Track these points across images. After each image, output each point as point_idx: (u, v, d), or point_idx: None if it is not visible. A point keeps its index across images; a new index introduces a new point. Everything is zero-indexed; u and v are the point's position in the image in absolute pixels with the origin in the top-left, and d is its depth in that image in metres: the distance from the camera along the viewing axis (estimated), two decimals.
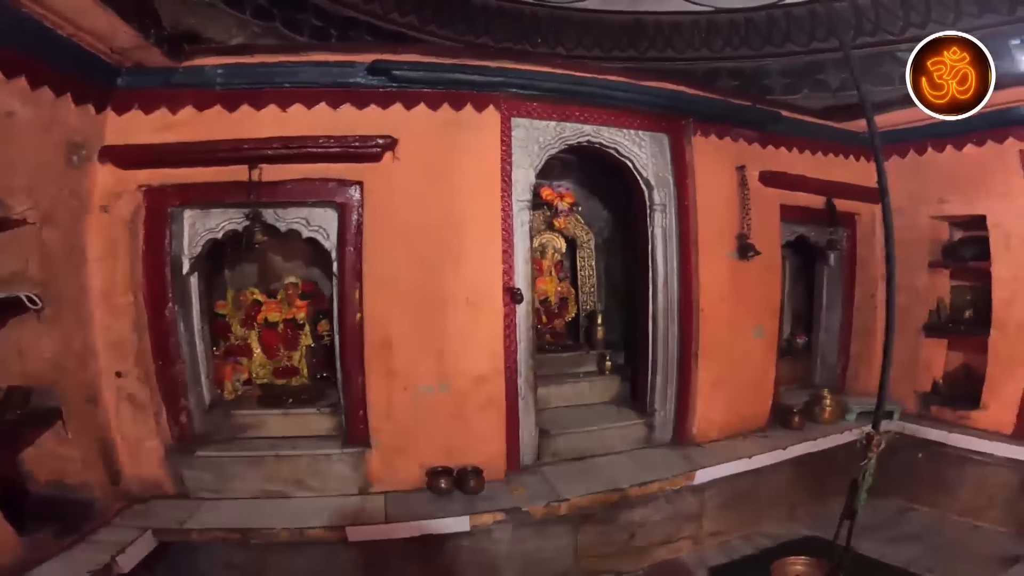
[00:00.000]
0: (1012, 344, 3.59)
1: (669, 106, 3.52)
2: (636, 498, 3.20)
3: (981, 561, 3.26)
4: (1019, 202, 3.51)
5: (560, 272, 4.21)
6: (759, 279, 3.76)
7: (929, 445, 3.96)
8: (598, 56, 5.33)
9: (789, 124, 3.88)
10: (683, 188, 3.62)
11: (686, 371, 3.69)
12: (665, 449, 3.69)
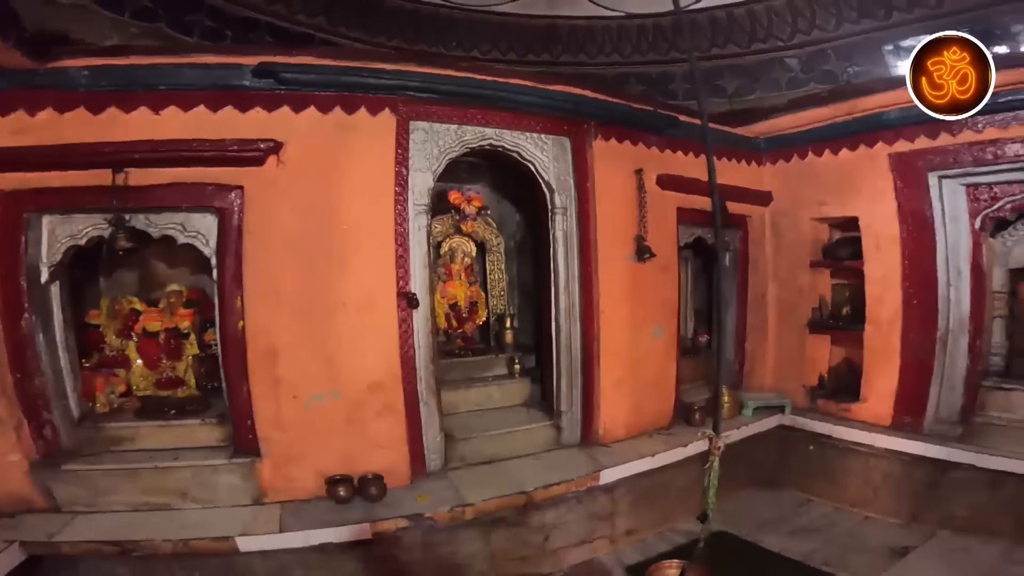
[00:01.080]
0: (884, 339, 3.89)
1: (571, 110, 3.64)
2: (544, 500, 3.25)
3: (873, 553, 3.47)
4: (887, 205, 3.80)
5: (470, 276, 4.25)
6: (657, 280, 3.93)
7: (818, 438, 4.23)
8: (513, 60, 5.49)
9: (687, 128, 4.06)
10: (584, 191, 3.74)
11: (589, 372, 3.81)
12: (573, 450, 3.77)
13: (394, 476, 3.10)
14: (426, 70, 3.26)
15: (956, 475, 3.59)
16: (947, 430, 3.71)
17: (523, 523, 3.26)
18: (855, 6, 5.06)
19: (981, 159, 3.44)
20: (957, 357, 3.64)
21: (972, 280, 3.57)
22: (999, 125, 3.40)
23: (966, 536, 3.49)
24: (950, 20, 4.61)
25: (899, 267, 3.79)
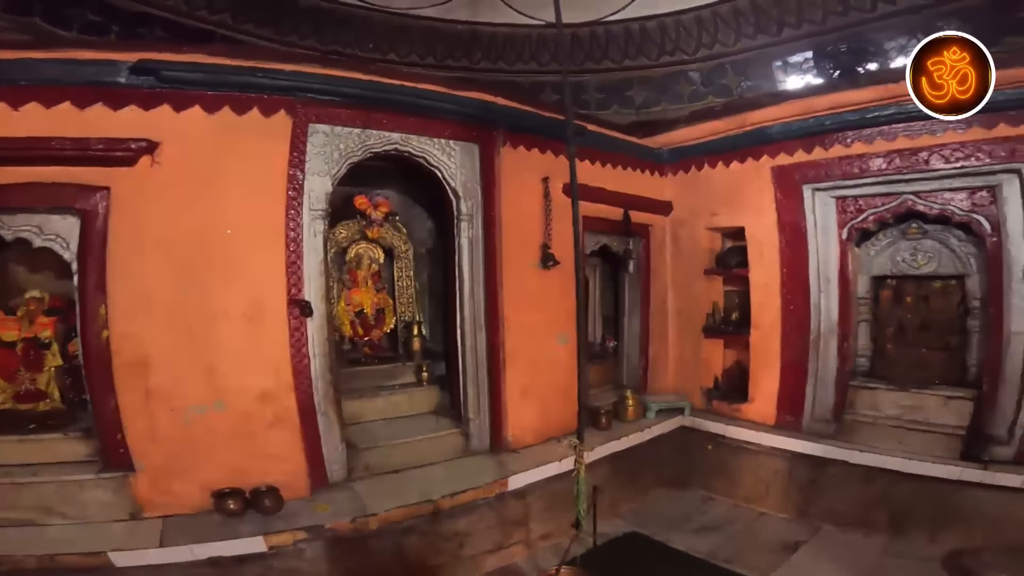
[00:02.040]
0: (767, 343, 4.18)
1: (481, 116, 3.68)
2: (453, 508, 3.25)
3: (769, 548, 3.66)
4: (769, 215, 4.10)
5: (378, 283, 4.21)
6: (562, 288, 3.98)
7: (715, 438, 4.47)
8: (431, 64, 5.56)
9: (594, 138, 4.23)
10: (491, 198, 3.78)
11: (496, 379, 3.84)
12: (482, 457, 3.80)
13: (291, 488, 3.01)
14: (329, 72, 3.22)
15: (833, 471, 3.88)
16: (822, 428, 4.01)
17: (435, 531, 3.24)
18: (752, 22, 5.51)
19: (849, 173, 3.78)
20: (828, 359, 3.95)
21: (840, 287, 3.89)
22: (866, 140, 3.75)
23: (848, 531, 3.75)
24: (832, 36, 5.13)
25: (778, 275, 4.08)
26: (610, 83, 5.73)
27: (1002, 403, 3.33)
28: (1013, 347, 3.25)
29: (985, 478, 3.30)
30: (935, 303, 3.84)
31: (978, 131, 3.36)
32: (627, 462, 4.28)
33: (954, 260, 3.71)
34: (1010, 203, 3.26)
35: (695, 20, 5.70)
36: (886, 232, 3.95)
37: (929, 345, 3.83)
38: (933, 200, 3.54)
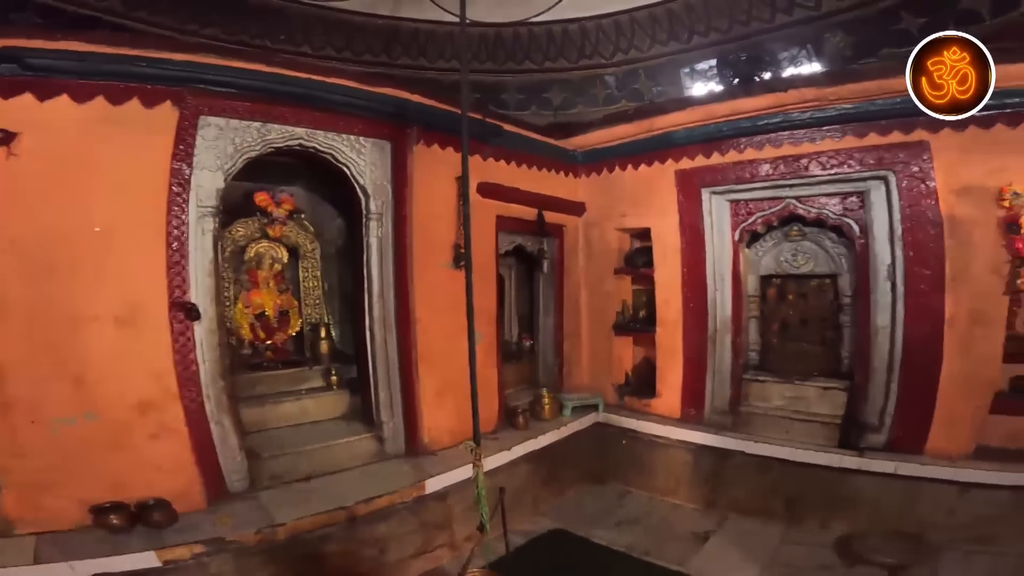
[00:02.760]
0: (671, 339, 4.38)
1: (394, 114, 3.62)
2: (370, 514, 3.19)
3: (683, 539, 3.83)
4: (672, 217, 4.30)
5: (281, 283, 4.07)
6: (475, 288, 3.98)
7: (628, 432, 4.63)
8: (348, 59, 5.41)
9: (511, 138, 4.27)
10: (402, 197, 3.73)
11: (409, 381, 3.79)
12: (398, 461, 3.75)
13: (185, 500, 2.85)
14: (224, 63, 3.06)
15: (734, 461, 4.12)
16: (722, 420, 4.25)
17: (353, 539, 3.17)
18: (667, 29, 5.75)
19: (741, 177, 4.03)
20: (724, 353, 4.20)
21: (733, 286, 4.15)
22: (756, 147, 3.99)
23: (750, 519, 3.98)
24: (734, 45, 5.43)
25: (680, 274, 4.28)
26: (530, 84, 5.81)
27: (872, 393, 3.64)
28: (879, 340, 3.56)
29: (862, 465, 3.59)
30: (813, 300, 4.15)
31: (851, 140, 3.66)
32: (546, 460, 4.36)
33: (828, 260, 4.03)
34: (876, 208, 3.57)
35: (614, 25, 5.90)
36: (772, 234, 4.24)
37: (808, 339, 4.14)
38: (811, 204, 3.83)
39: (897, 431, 3.55)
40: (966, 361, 3.29)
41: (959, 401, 3.34)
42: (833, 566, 3.33)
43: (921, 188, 3.36)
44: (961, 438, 3.38)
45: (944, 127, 3.39)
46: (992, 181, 3.18)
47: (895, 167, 3.45)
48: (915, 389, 3.46)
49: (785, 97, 3.84)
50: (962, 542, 3.30)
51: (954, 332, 3.30)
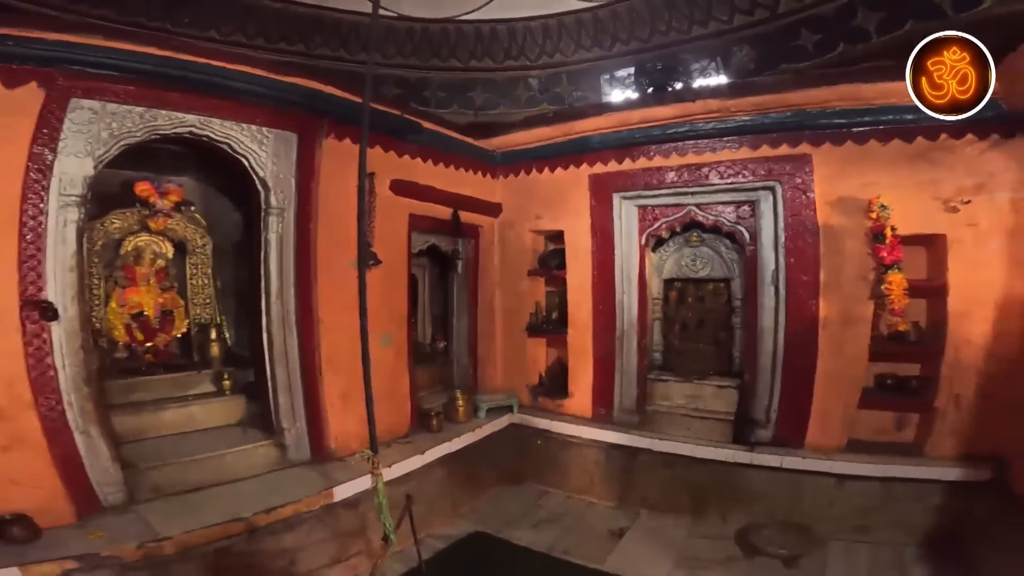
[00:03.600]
0: (582, 340, 4.48)
1: (304, 105, 3.45)
2: (273, 524, 3.00)
3: (600, 537, 3.90)
4: (585, 220, 4.40)
5: (164, 281, 3.77)
6: (384, 288, 3.93)
7: (542, 433, 4.68)
8: (260, 46, 5.16)
9: (430, 136, 4.20)
10: (307, 192, 3.55)
11: (312, 385, 3.62)
12: (303, 468, 3.56)
13: (50, 515, 2.59)
14: (104, 44, 2.78)
15: (642, 459, 4.25)
16: (629, 419, 4.38)
17: (257, 550, 2.97)
18: (592, 34, 5.94)
19: (649, 184, 4.17)
20: (631, 354, 4.34)
21: (639, 289, 4.29)
22: (664, 154, 4.15)
23: (661, 514, 4.13)
24: (653, 54, 5.70)
25: (590, 276, 4.39)
26: (454, 82, 5.79)
27: (759, 391, 3.88)
28: (764, 341, 3.81)
29: (753, 459, 3.81)
30: (709, 303, 4.39)
31: (746, 151, 3.89)
32: (463, 462, 4.32)
33: (723, 265, 4.27)
34: (765, 217, 3.82)
35: (542, 28, 5.98)
36: (674, 239, 4.44)
37: (705, 340, 4.36)
38: (709, 212, 4.04)
39: (781, 427, 3.80)
40: (837, 360, 3.58)
41: (832, 397, 3.63)
42: (736, 558, 3.53)
43: (802, 199, 3.63)
44: (835, 432, 3.66)
45: (825, 141, 3.70)
46: (863, 194, 3.48)
47: (782, 178, 3.70)
48: (795, 387, 3.72)
49: (692, 107, 4.02)
50: (844, 532, 3.59)
51: (827, 333, 3.59)
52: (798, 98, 3.67)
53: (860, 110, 3.54)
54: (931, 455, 3.49)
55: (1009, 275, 3.21)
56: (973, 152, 3.27)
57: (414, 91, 5.73)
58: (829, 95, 3.58)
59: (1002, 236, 3.22)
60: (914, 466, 3.46)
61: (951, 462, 3.40)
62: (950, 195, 3.33)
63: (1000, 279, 3.24)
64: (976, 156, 3.27)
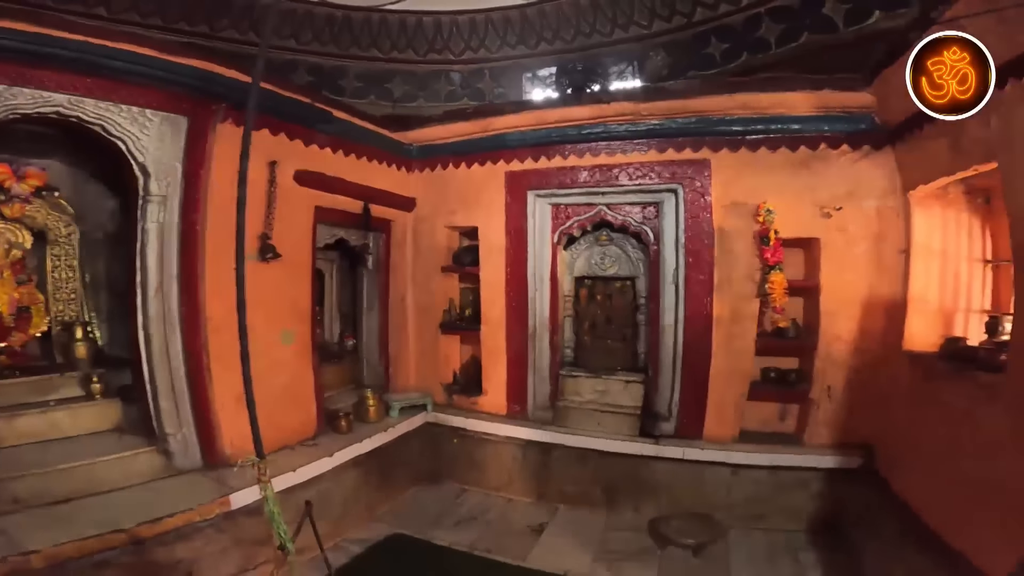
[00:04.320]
0: (495, 337, 4.48)
1: (198, 88, 3.17)
2: (162, 535, 2.76)
3: (520, 533, 3.91)
4: (499, 217, 4.40)
5: (21, 274, 3.36)
6: (285, 282, 3.73)
7: (458, 431, 4.63)
8: (156, 26, 4.71)
9: (342, 126, 4.02)
10: (196, 179, 3.27)
11: (200, 387, 3.34)
12: (194, 475, 3.29)
13: None
14: None
15: (557, 454, 4.32)
16: (543, 415, 4.44)
17: (146, 562, 2.73)
18: (518, 32, 5.88)
19: (563, 183, 4.23)
20: (543, 351, 4.40)
21: (551, 286, 4.36)
22: (578, 154, 4.21)
23: (578, 509, 4.21)
24: (574, 55, 5.72)
25: (504, 273, 4.39)
26: (373, 73, 5.59)
27: (662, 385, 4.05)
28: (666, 337, 3.98)
29: (658, 452, 3.97)
30: (617, 300, 4.51)
31: (654, 153, 4.02)
32: (377, 463, 4.19)
33: (630, 264, 4.43)
34: (668, 218, 3.97)
35: (469, 23, 5.88)
36: (585, 238, 4.54)
37: (613, 337, 4.48)
38: (618, 212, 4.16)
39: (682, 419, 3.99)
40: (729, 355, 3.80)
41: (725, 390, 3.85)
42: (650, 549, 3.66)
43: (701, 202, 3.82)
44: (728, 424, 3.89)
45: (723, 147, 3.89)
46: (752, 198, 3.70)
47: (684, 181, 3.88)
48: (693, 381, 3.91)
49: (607, 109, 4.11)
50: (742, 520, 3.82)
51: (720, 329, 3.80)
52: (702, 104, 3.84)
53: (755, 118, 3.76)
54: (809, 444, 3.78)
55: (872, 277, 3.53)
56: (846, 162, 3.58)
57: (329, 80, 5.46)
58: (729, 103, 3.77)
59: (868, 241, 3.54)
60: (796, 455, 3.73)
61: (827, 450, 3.70)
62: (825, 201, 3.61)
63: (865, 280, 3.56)
64: (849, 166, 3.57)
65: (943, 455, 2.73)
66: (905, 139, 3.30)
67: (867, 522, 3.31)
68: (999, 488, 2.22)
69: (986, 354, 2.70)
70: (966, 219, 3.23)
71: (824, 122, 3.61)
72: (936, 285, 3.27)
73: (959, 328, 3.19)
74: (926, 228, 3.28)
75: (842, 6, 4.61)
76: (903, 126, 3.24)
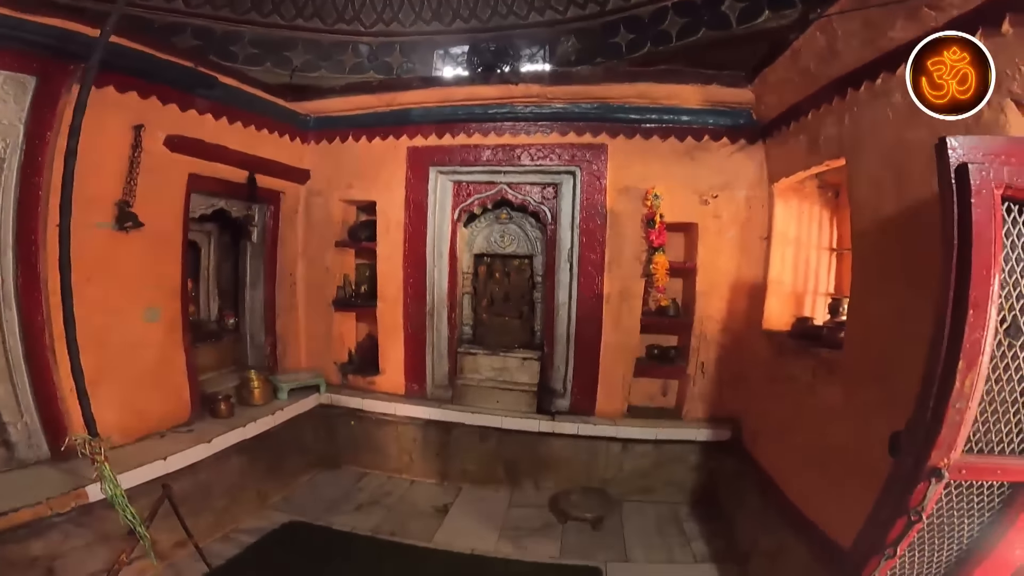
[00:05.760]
0: (392, 314, 4.35)
1: (51, 47, 2.78)
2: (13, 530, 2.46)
3: (425, 515, 3.84)
4: (399, 192, 4.25)
5: None
6: (150, 255, 3.36)
7: (355, 412, 4.45)
8: None
9: (226, 92, 3.68)
10: (42, 142, 2.86)
11: (44, 370, 2.94)
12: (40, 468, 2.90)
13: None
14: None
15: (458, 433, 4.27)
16: (442, 393, 4.38)
17: None
18: (433, 8, 5.70)
19: (466, 160, 4.16)
20: (442, 328, 4.34)
21: (450, 263, 4.30)
22: (483, 133, 4.15)
23: (481, 487, 4.20)
24: (488, 35, 5.66)
25: (402, 249, 4.27)
26: (270, 40, 5.21)
27: (557, 362, 4.13)
28: (560, 315, 4.06)
29: (554, 428, 4.04)
30: (515, 278, 4.53)
31: (556, 136, 4.05)
32: (265, 449, 3.91)
33: (528, 242, 4.44)
34: (565, 199, 4.03)
35: None
36: (486, 215, 4.49)
37: (510, 314, 4.50)
38: (519, 191, 4.17)
39: (576, 396, 4.09)
40: (617, 332, 3.94)
41: (614, 367, 4.00)
42: (552, 524, 3.74)
43: (596, 184, 3.90)
44: (617, 399, 4.04)
45: (620, 134, 3.98)
46: (642, 184, 3.83)
47: (582, 164, 3.93)
48: (585, 357, 4.02)
49: (514, 90, 4.06)
50: (633, 493, 3.99)
51: (610, 307, 3.93)
52: (604, 91, 3.91)
53: (650, 108, 3.88)
54: (687, 419, 4.01)
55: (740, 261, 3.80)
56: (724, 153, 3.79)
57: (218, 45, 5.06)
58: (629, 91, 3.87)
59: (737, 227, 3.79)
60: (676, 428, 3.93)
61: (702, 424, 3.94)
62: (705, 190, 3.82)
63: (733, 263, 3.82)
64: (726, 157, 3.79)
65: (791, 427, 2.96)
66: (774, 135, 3.55)
67: (735, 493, 3.56)
68: (836, 456, 2.41)
69: (828, 332, 2.97)
70: (818, 211, 3.55)
71: (710, 115, 3.79)
72: (790, 270, 3.57)
73: (808, 309, 3.50)
74: (784, 217, 3.57)
75: (737, 4, 4.86)
76: (773, 123, 3.50)
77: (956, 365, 1.46)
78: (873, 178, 2.46)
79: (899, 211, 2.19)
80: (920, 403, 1.56)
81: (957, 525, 1.69)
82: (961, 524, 1.69)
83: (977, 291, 1.44)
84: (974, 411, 1.51)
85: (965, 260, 1.45)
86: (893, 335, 2.16)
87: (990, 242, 1.40)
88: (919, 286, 1.67)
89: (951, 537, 1.71)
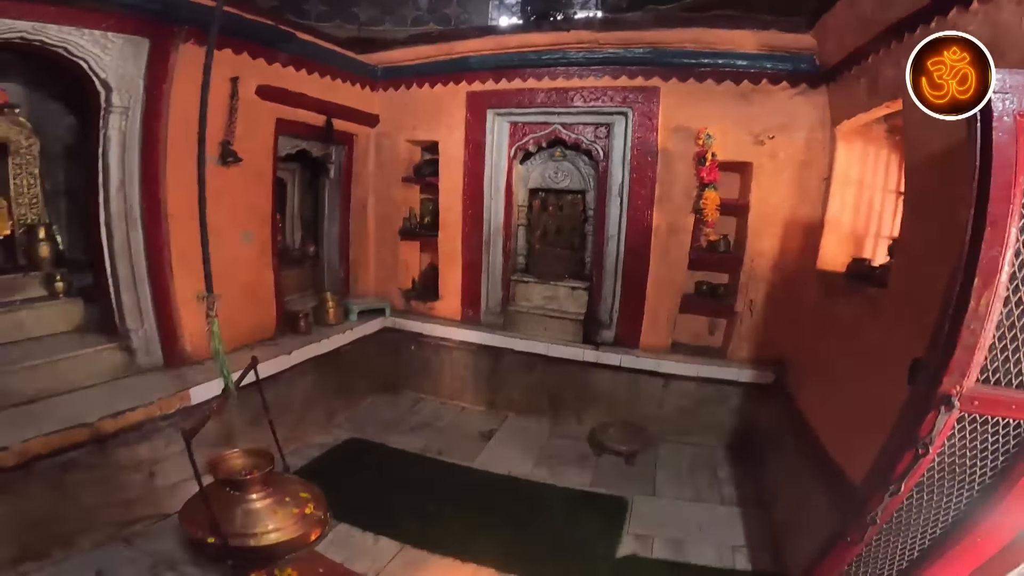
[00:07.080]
0: (451, 243, 4.68)
1: (159, 12, 3.10)
2: (123, 432, 2.81)
3: (470, 438, 4.19)
4: (459, 133, 4.52)
5: None
6: (246, 186, 3.75)
7: (415, 336, 4.85)
8: None
9: (303, 46, 3.98)
10: (158, 92, 3.24)
11: (162, 283, 3.36)
12: (156, 374, 3.33)
13: None
14: None
15: (507, 360, 4.60)
16: (494, 319, 4.70)
17: (108, 463, 2.79)
18: None
19: (521, 103, 4.35)
20: (496, 257, 4.63)
21: (506, 196, 4.56)
22: (537, 77, 4.31)
23: (525, 417, 4.52)
24: None
25: (461, 184, 4.56)
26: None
27: (604, 293, 4.36)
28: (609, 247, 4.26)
29: (599, 358, 4.28)
30: (567, 212, 4.76)
31: (608, 80, 4.17)
32: (335, 368, 4.31)
33: (580, 178, 4.62)
34: (617, 138, 4.18)
35: None
36: (540, 154, 4.69)
37: (562, 245, 4.75)
38: (572, 131, 4.34)
39: (621, 327, 4.32)
40: (665, 265, 4.11)
41: (660, 300, 4.18)
42: (588, 456, 4.00)
43: (648, 124, 4.03)
44: (661, 333, 4.24)
45: (673, 77, 4.06)
46: (695, 124, 3.93)
47: (634, 106, 4.06)
48: (631, 290, 4.23)
49: (566, 37, 4.17)
50: (671, 433, 4.13)
51: (658, 241, 4.10)
52: (656, 36, 3.97)
53: (704, 52, 3.92)
54: (732, 358, 4.11)
55: (795, 201, 3.85)
56: (784, 97, 3.82)
57: (292, 4, 5.29)
58: (682, 36, 3.92)
59: (794, 168, 3.83)
60: (719, 367, 4.03)
61: (746, 364, 4.04)
62: (759, 131, 3.87)
63: (788, 203, 3.87)
64: (786, 100, 3.82)
65: (832, 370, 2.98)
66: (837, 79, 3.54)
67: (772, 437, 3.62)
68: (874, 401, 2.31)
69: (880, 272, 2.94)
70: (885, 155, 3.51)
71: (767, 60, 3.80)
72: (851, 211, 3.58)
73: (868, 251, 3.50)
74: (847, 159, 3.58)
75: None
76: (836, 67, 3.48)
77: (972, 283, 1.42)
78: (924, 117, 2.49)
79: (945, 148, 2.24)
80: (937, 327, 1.52)
81: (969, 468, 1.58)
82: (973, 468, 1.58)
83: (996, 208, 1.42)
84: (990, 335, 1.45)
85: (985, 179, 1.45)
86: (934, 271, 2.09)
87: (1010, 165, 1.43)
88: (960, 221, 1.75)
89: (961, 482, 1.60)
